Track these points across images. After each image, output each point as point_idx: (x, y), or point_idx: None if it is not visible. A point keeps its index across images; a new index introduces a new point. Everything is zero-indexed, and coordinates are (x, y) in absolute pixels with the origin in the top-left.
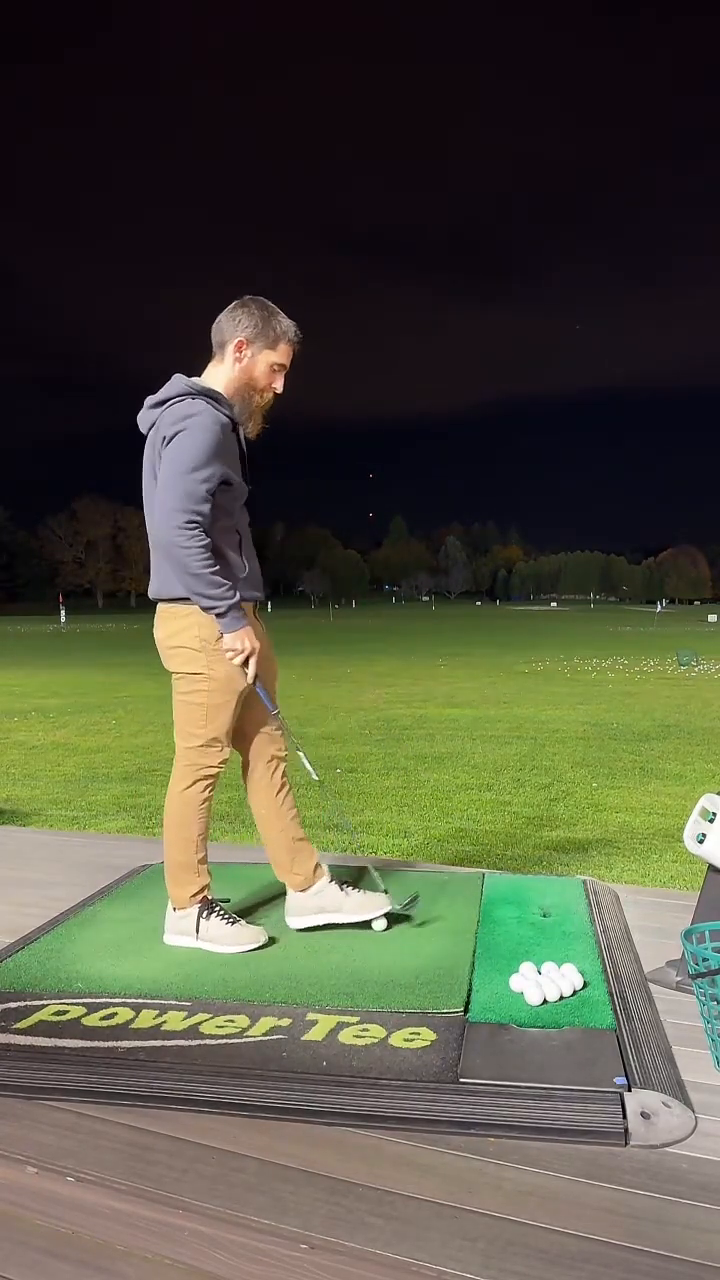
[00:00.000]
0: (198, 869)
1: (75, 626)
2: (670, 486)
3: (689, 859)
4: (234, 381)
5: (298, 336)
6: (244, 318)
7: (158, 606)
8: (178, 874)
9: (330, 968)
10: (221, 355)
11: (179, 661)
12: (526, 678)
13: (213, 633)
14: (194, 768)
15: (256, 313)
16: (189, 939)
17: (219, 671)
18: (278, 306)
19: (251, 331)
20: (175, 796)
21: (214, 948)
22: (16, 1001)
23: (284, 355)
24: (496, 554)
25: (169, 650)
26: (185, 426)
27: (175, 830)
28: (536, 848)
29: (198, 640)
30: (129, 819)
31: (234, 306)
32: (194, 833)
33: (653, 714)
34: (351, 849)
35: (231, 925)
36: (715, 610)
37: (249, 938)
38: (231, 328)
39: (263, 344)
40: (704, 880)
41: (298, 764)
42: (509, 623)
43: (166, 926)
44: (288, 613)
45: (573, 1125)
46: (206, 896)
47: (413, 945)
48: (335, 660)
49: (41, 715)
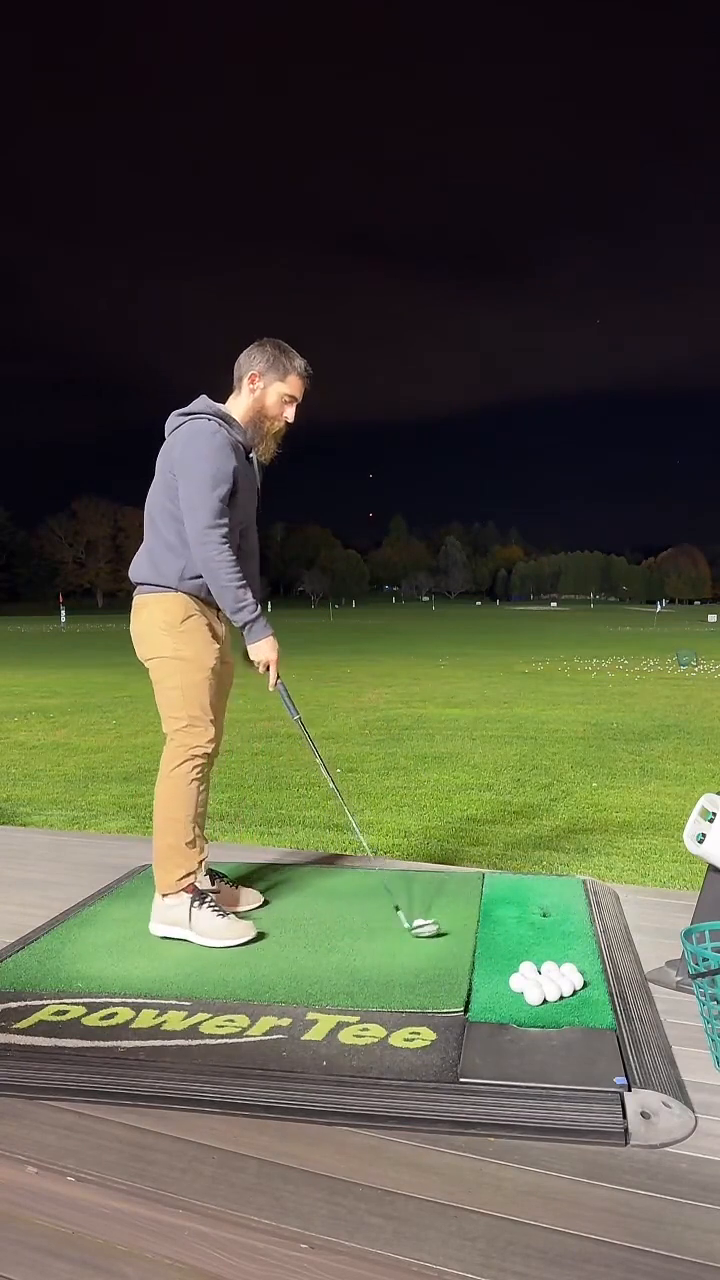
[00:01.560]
0: (186, 853)
1: (75, 626)
2: (670, 486)
3: (689, 859)
4: (248, 410)
5: (308, 372)
6: (258, 354)
7: (133, 601)
8: (165, 858)
9: (330, 968)
10: (239, 388)
11: (148, 646)
12: (526, 678)
13: (178, 615)
14: (182, 748)
15: (270, 350)
16: (179, 929)
17: (188, 652)
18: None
19: (264, 365)
20: (165, 777)
21: (204, 940)
22: (16, 1001)
23: (294, 387)
24: (496, 554)
25: (139, 636)
26: (199, 445)
27: (164, 811)
28: (537, 848)
29: (163, 623)
30: (129, 819)
31: (252, 346)
32: (183, 814)
33: (653, 714)
34: (354, 847)
35: (223, 918)
36: (715, 610)
37: (240, 932)
38: (248, 364)
39: (274, 376)
40: (704, 880)
41: (315, 766)
42: (509, 623)
43: (154, 915)
44: (288, 613)
45: (573, 1125)
46: (195, 885)
47: (413, 945)
48: (335, 660)
49: (41, 715)
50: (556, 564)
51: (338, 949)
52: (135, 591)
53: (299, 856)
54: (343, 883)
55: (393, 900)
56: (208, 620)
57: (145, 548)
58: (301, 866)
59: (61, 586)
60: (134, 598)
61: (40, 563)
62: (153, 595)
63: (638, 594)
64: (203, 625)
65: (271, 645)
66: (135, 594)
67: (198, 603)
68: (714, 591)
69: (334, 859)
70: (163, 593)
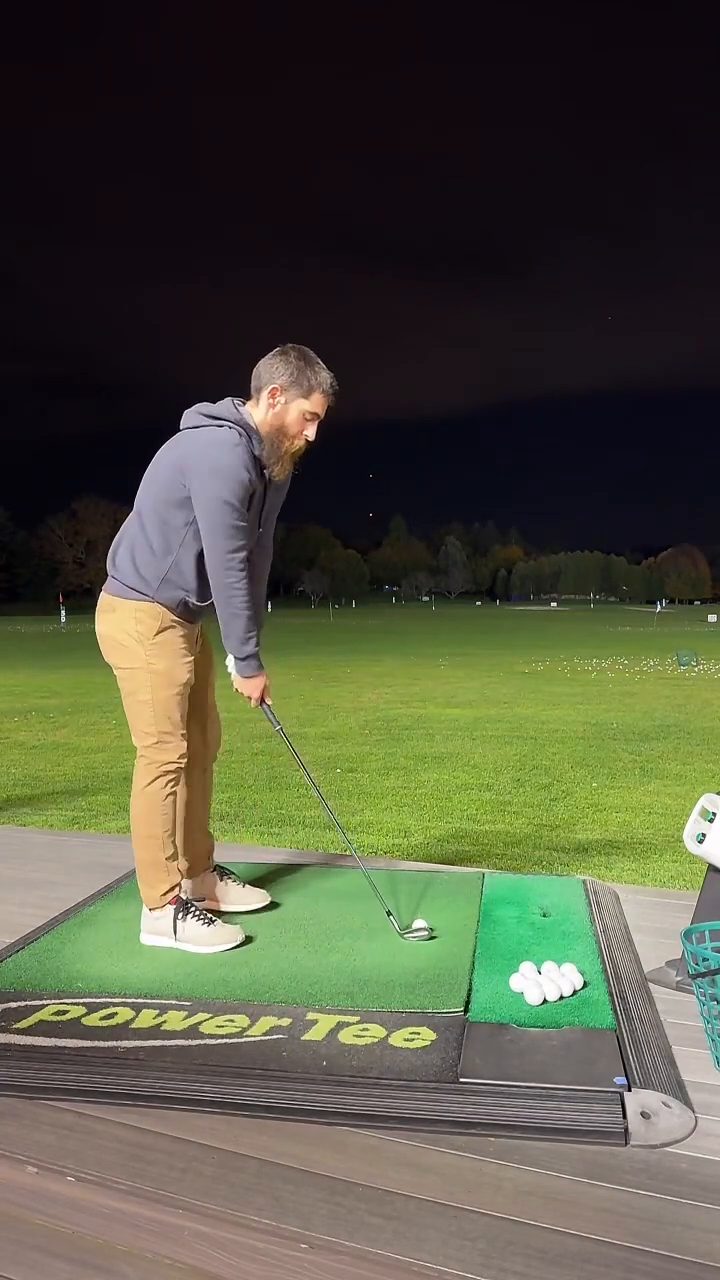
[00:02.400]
0: (167, 867)
1: (75, 626)
2: (670, 486)
3: (689, 859)
4: (266, 425)
5: (333, 388)
6: (281, 366)
7: (101, 597)
8: (146, 873)
9: (330, 968)
10: (257, 399)
11: (118, 654)
12: (526, 678)
13: (152, 627)
14: (153, 765)
15: (294, 362)
16: (166, 939)
17: (160, 665)
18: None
19: (286, 380)
20: (138, 795)
21: (193, 948)
22: (16, 1001)
23: (317, 405)
24: (496, 554)
25: (109, 640)
26: (217, 458)
27: (141, 829)
28: (536, 847)
29: (136, 634)
30: (129, 819)
31: (275, 354)
32: (160, 830)
33: (653, 714)
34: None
35: (209, 926)
36: (715, 610)
37: (227, 937)
38: (269, 375)
39: (296, 392)
40: (704, 880)
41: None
42: (509, 623)
43: (142, 926)
44: (288, 612)
45: (573, 1125)
46: (179, 896)
47: (413, 945)
48: (335, 660)
49: (41, 715)
50: (556, 564)
51: (338, 949)
52: (107, 583)
53: (299, 856)
54: (343, 883)
55: (383, 906)
56: (182, 631)
57: (129, 540)
58: (301, 866)
59: (61, 586)
60: (104, 592)
61: (40, 563)
62: (128, 601)
63: (638, 594)
64: (177, 637)
65: (256, 685)
66: (107, 588)
67: (172, 615)
68: (714, 591)
69: (334, 859)
70: (139, 600)
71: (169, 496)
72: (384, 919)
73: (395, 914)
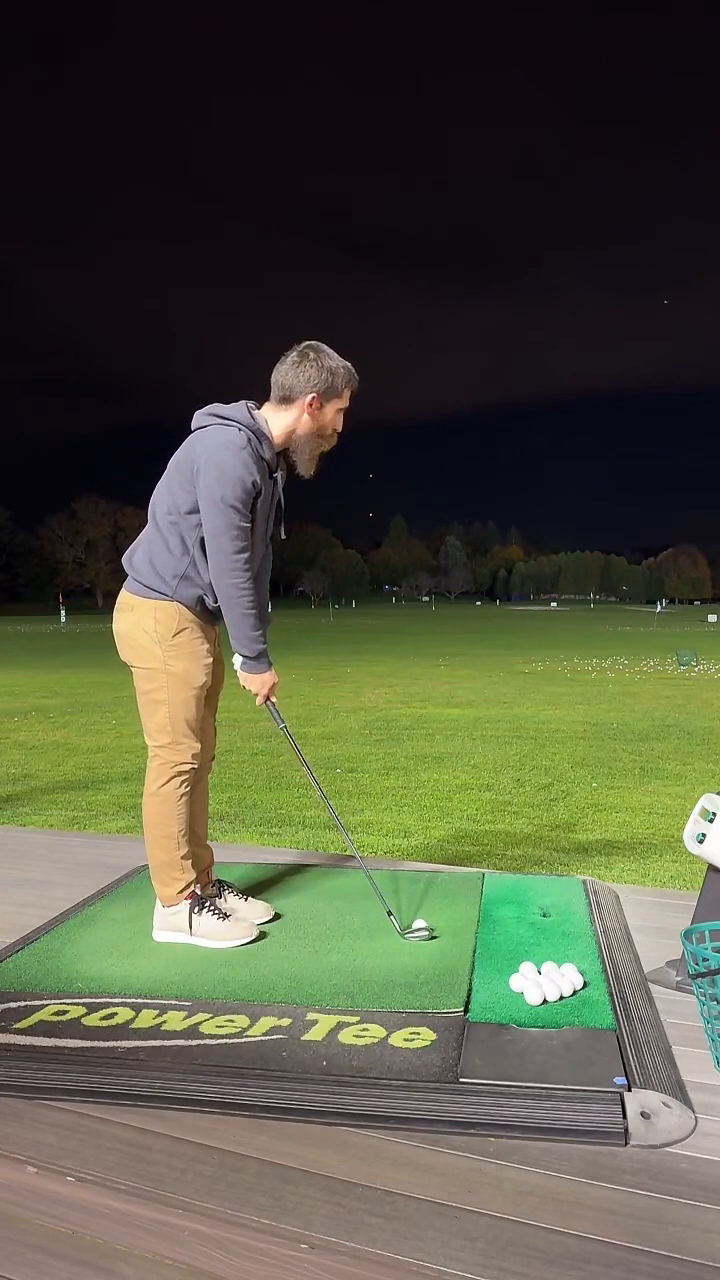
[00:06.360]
0: (182, 865)
1: (75, 626)
2: (670, 486)
3: (689, 859)
4: (303, 427)
5: (356, 377)
6: (312, 372)
7: (120, 596)
8: (162, 872)
9: (330, 968)
10: (287, 406)
11: (136, 653)
12: (526, 678)
13: (171, 627)
14: (167, 765)
15: (325, 364)
16: (182, 935)
17: (177, 666)
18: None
19: (322, 385)
20: (151, 796)
21: (208, 943)
22: (16, 1001)
23: (348, 399)
24: (496, 554)
25: (127, 639)
26: (221, 458)
27: (155, 829)
28: (536, 848)
29: (154, 634)
30: (129, 819)
31: (298, 359)
32: (174, 830)
33: (653, 714)
34: (341, 847)
35: (224, 921)
36: (715, 610)
37: (242, 932)
38: (300, 383)
39: (331, 394)
40: (704, 880)
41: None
42: (509, 623)
43: (155, 922)
44: (288, 613)
45: (573, 1125)
46: (195, 892)
47: (413, 945)
48: (335, 660)
49: (41, 715)
50: (556, 564)
51: (338, 949)
52: (126, 583)
53: (299, 857)
54: (343, 883)
55: (383, 906)
56: (200, 633)
57: (146, 541)
58: (301, 867)
59: (61, 586)
60: (124, 591)
61: (40, 563)
62: (147, 600)
63: (638, 594)
64: (195, 639)
65: (264, 682)
66: (126, 587)
67: (191, 614)
68: (714, 591)
69: (334, 859)
70: (158, 599)
71: (181, 497)
72: (384, 919)
73: (396, 914)
